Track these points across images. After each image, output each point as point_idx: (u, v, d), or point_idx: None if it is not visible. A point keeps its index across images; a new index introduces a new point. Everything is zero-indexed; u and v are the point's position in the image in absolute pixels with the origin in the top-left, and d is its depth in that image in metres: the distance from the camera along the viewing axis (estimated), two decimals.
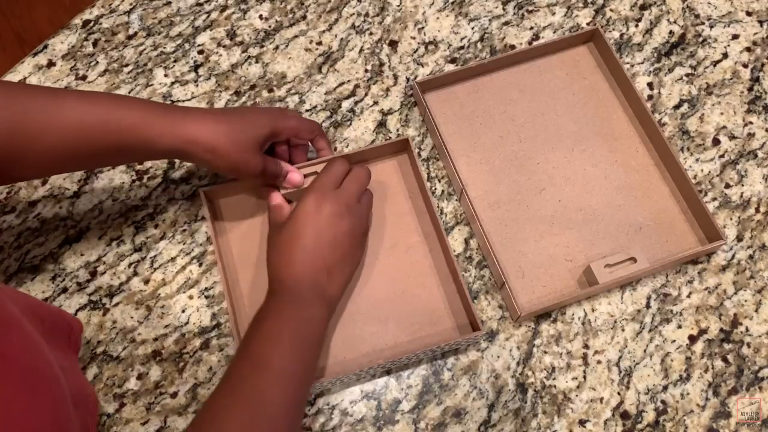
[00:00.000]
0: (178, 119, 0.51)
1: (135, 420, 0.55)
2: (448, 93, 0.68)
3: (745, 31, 0.73)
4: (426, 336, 0.58)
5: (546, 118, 0.67)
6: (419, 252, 0.61)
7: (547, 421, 0.56)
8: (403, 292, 0.60)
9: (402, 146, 0.65)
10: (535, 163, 0.65)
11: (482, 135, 0.66)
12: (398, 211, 0.63)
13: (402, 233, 0.62)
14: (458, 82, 0.68)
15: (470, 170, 0.65)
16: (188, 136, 0.51)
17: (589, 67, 0.70)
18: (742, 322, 0.60)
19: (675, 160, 0.62)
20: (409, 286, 0.60)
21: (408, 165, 0.65)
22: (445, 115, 0.67)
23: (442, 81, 0.67)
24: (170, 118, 0.51)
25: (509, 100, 0.68)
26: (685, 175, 0.62)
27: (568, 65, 0.70)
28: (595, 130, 0.67)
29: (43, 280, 0.60)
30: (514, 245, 0.62)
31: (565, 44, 0.70)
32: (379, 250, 0.62)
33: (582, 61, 0.70)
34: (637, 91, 0.65)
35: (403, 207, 0.63)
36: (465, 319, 0.58)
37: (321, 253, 0.54)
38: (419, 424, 0.56)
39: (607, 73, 0.69)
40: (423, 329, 0.58)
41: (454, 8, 0.73)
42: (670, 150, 0.63)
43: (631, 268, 0.58)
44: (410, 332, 0.58)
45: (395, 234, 0.62)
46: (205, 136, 0.52)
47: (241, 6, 0.73)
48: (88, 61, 0.69)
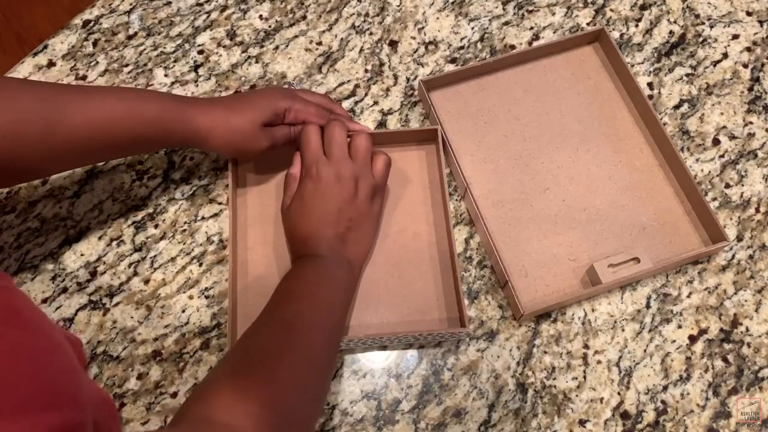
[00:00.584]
0: (187, 110, 0.54)
1: (135, 420, 0.55)
2: (453, 92, 0.68)
3: (745, 31, 0.73)
4: (413, 322, 0.58)
5: (551, 118, 0.67)
6: (424, 241, 0.61)
7: (547, 421, 0.56)
8: (399, 276, 0.60)
9: (430, 136, 0.65)
10: (539, 163, 0.65)
11: (487, 134, 0.66)
12: (413, 200, 0.63)
13: (412, 220, 0.62)
14: (463, 81, 0.68)
15: (474, 169, 0.65)
16: (193, 126, 0.54)
17: (594, 68, 0.70)
18: (742, 322, 0.60)
19: (679, 160, 0.62)
20: (407, 271, 0.60)
21: (433, 155, 0.65)
22: (449, 113, 0.67)
23: (447, 80, 0.67)
24: (181, 109, 0.54)
25: (514, 100, 0.68)
26: (689, 175, 0.62)
27: (573, 65, 0.70)
28: (600, 130, 0.67)
29: (43, 280, 0.60)
30: (517, 244, 0.62)
31: (571, 44, 0.70)
32: (387, 232, 0.62)
33: (587, 61, 0.70)
34: (642, 92, 0.65)
35: (418, 196, 0.63)
36: (456, 314, 0.58)
37: (326, 219, 0.56)
38: (419, 424, 0.56)
39: (612, 73, 0.69)
40: (411, 315, 0.58)
41: (454, 8, 0.73)
42: (674, 150, 0.63)
43: (635, 269, 0.58)
44: (399, 315, 0.58)
45: (405, 220, 0.63)
46: (207, 124, 0.54)
47: (241, 6, 0.73)
48: (88, 61, 0.69)
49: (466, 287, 0.61)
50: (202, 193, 0.64)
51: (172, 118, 0.53)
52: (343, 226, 0.57)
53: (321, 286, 0.53)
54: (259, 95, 0.58)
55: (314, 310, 0.51)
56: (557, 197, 0.64)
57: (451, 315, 0.58)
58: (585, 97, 0.68)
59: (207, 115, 0.54)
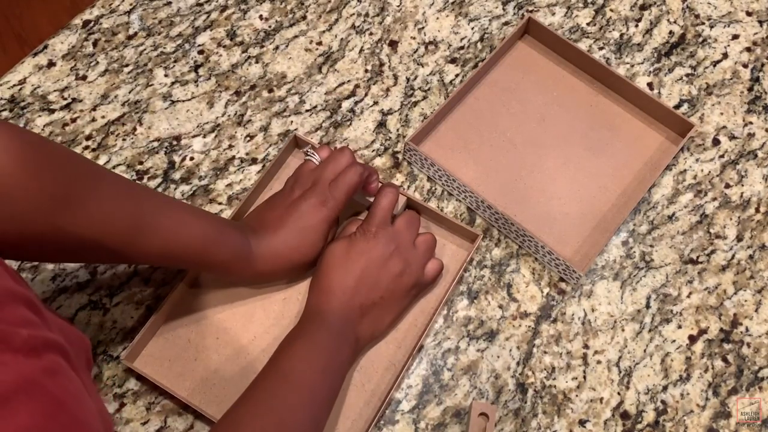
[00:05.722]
0: (250, 256, 0.53)
1: (135, 420, 0.55)
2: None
3: (745, 31, 0.73)
4: None
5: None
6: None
7: (547, 421, 0.56)
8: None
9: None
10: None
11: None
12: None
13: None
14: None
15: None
16: (253, 272, 0.54)
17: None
18: (742, 322, 0.60)
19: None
20: None
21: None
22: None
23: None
24: (248, 257, 0.53)
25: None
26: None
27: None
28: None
29: (43, 280, 0.60)
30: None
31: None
32: None
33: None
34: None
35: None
36: None
37: (359, 291, 0.54)
38: (419, 424, 0.56)
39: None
40: None
41: (454, 8, 0.73)
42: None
43: None
44: None
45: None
46: (266, 270, 0.54)
47: (241, 6, 0.73)
48: (88, 61, 0.69)
49: (466, 287, 0.61)
50: (202, 193, 0.64)
51: (238, 267, 0.53)
52: (371, 300, 0.54)
53: (318, 374, 0.50)
54: (311, 229, 0.55)
55: (309, 407, 0.49)
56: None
57: None
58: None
59: (268, 262, 0.54)
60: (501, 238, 0.63)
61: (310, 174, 0.58)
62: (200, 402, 0.55)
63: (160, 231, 0.48)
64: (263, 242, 0.54)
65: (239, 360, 0.57)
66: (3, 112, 0.66)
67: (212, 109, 0.67)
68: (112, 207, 0.46)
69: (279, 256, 0.55)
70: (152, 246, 0.48)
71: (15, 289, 0.34)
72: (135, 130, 0.66)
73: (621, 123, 0.67)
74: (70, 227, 0.43)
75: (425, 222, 0.62)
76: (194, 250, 0.51)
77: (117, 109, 0.67)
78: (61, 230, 0.42)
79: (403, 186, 0.65)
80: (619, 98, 0.68)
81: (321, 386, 0.50)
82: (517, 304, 0.60)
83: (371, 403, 0.56)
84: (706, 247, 0.63)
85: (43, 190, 0.41)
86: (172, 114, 0.67)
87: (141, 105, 0.67)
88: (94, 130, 0.66)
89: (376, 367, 0.57)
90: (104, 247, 0.46)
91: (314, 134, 0.67)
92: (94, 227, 0.44)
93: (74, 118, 0.66)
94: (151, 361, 0.56)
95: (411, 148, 0.63)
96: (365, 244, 0.55)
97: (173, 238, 0.49)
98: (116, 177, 0.49)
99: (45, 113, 0.66)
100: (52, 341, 0.34)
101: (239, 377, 0.56)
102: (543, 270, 0.62)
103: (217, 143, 0.66)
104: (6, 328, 0.31)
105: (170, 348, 0.57)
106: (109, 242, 0.45)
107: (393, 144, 0.67)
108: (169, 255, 0.50)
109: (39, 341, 0.32)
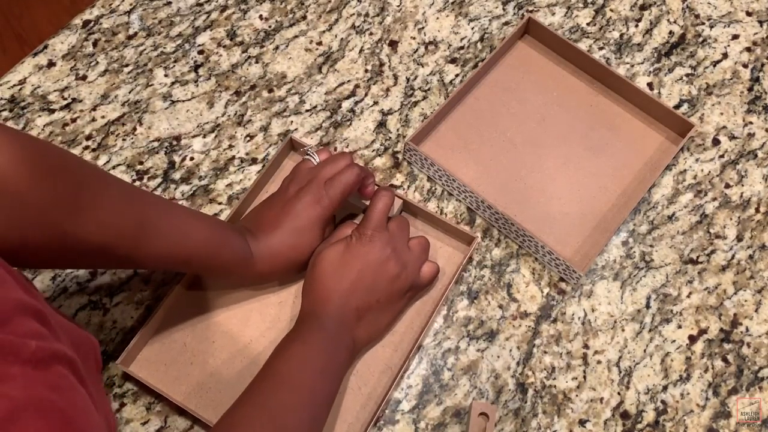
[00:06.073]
0: (251, 259, 0.54)
1: (135, 420, 0.55)
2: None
3: (745, 31, 0.73)
4: None
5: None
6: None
7: (547, 421, 0.56)
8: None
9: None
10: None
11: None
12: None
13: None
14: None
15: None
16: (253, 273, 0.54)
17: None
18: (742, 322, 0.60)
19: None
20: None
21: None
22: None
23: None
24: (249, 261, 0.54)
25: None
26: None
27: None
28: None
29: (43, 280, 0.60)
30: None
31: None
32: None
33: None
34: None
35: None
36: None
37: (355, 294, 0.54)
38: (419, 424, 0.56)
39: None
40: None
41: (454, 8, 0.73)
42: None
43: None
44: None
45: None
46: (266, 271, 0.55)
47: (241, 6, 0.73)
48: (88, 61, 0.69)
49: (466, 287, 0.61)
50: (202, 193, 0.64)
51: (239, 268, 0.53)
52: (367, 303, 0.54)
53: (316, 375, 0.50)
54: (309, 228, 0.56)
55: (307, 408, 0.48)
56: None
57: None
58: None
59: (267, 262, 0.54)
60: (501, 238, 0.63)
61: (308, 172, 0.58)
62: (196, 406, 0.54)
63: (165, 235, 0.48)
64: (261, 243, 0.54)
65: (235, 364, 0.57)
66: (3, 112, 0.66)
67: (212, 109, 0.67)
68: (118, 212, 0.45)
69: (277, 256, 0.55)
70: (157, 250, 0.48)
71: (25, 301, 0.34)
72: (135, 130, 0.66)
73: (621, 123, 0.67)
74: (77, 233, 0.43)
75: (422, 225, 0.62)
76: (198, 254, 0.51)
77: (117, 109, 0.67)
78: (67, 236, 0.42)
79: (403, 186, 0.65)
80: (619, 98, 0.68)
81: (318, 388, 0.50)
82: (517, 304, 0.60)
83: (368, 407, 0.56)
84: (706, 247, 0.63)
85: (50, 197, 0.41)
86: (172, 114, 0.67)
87: (141, 105, 0.67)
88: (94, 130, 0.66)
89: (373, 371, 0.57)
90: (110, 253, 0.46)
91: (314, 134, 0.67)
92: (100, 233, 0.44)
93: (74, 118, 0.66)
94: (146, 365, 0.56)
95: (411, 148, 0.63)
96: (361, 247, 0.55)
97: (178, 242, 0.49)
98: (121, 182, 0.49)
99: (45, 113, 0.66)
100: (61, 353, 0.34)
101: (235, 381, 0.56)
102: (543, 270, 0.62)
103: (217, 143, 0.66)
104: (15, 340, 0.31)
105: (166, 352, 0.57)
106: (115, 247, 0.45)
107: (393, 144, 0.67)
108: (173, 259, 0.50)
109: (47, 353, 0.32)
